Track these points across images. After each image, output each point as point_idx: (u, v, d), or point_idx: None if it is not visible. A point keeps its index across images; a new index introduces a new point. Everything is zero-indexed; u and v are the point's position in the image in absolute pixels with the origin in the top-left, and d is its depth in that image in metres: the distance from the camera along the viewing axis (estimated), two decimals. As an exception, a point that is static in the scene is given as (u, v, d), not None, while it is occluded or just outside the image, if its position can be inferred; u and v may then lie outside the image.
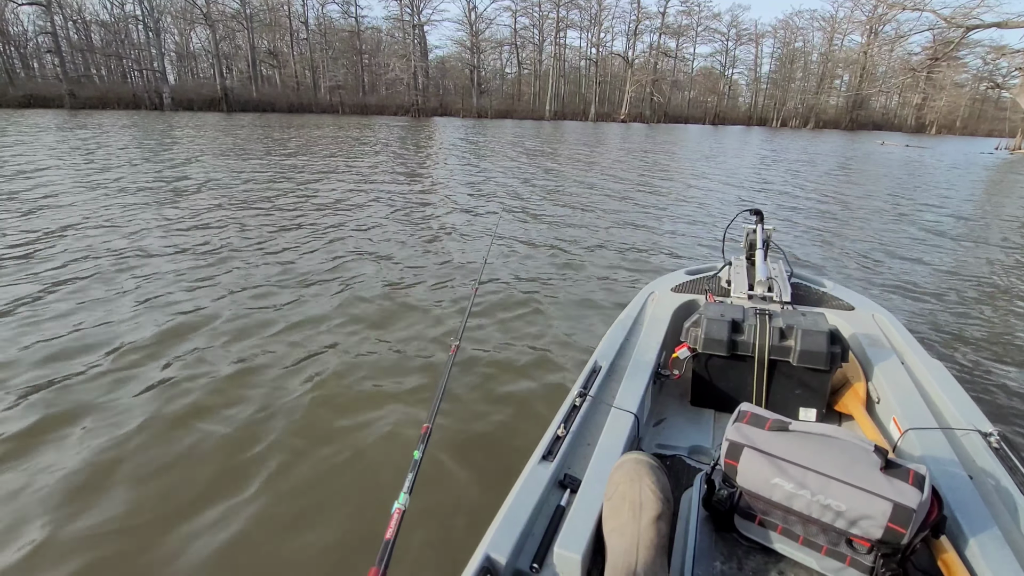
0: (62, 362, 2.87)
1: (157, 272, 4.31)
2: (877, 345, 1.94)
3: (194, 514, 1.87)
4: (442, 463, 2.16)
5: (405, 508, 0.95)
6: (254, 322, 3.45)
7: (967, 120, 62.89)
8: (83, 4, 43.23)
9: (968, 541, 1.08)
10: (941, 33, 30.65)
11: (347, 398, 2.62)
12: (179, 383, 2.68)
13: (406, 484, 1.00)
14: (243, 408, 2.50)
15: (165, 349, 3.04)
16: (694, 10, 58.37)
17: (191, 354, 2.99)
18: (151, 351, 3.00)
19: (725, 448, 1.17)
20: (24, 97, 35.34)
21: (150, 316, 3.45)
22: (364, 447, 2.24)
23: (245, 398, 2.58)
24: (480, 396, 2.69)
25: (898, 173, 15.27)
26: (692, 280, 2.51)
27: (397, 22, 49.75)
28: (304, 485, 2.02)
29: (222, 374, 2.79)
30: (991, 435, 1.38)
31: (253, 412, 2.47)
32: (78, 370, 2.79)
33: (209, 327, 3.35)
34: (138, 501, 1.94)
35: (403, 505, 0.95)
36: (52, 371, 2.78)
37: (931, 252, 6.04)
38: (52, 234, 5.33)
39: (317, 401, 2.57)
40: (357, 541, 1.77)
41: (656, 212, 7.79)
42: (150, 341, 3.11)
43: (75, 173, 9.14)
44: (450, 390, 2.71)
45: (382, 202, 7.69)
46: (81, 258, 4.60)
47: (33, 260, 4.50)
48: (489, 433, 2.40)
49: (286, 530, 1.81)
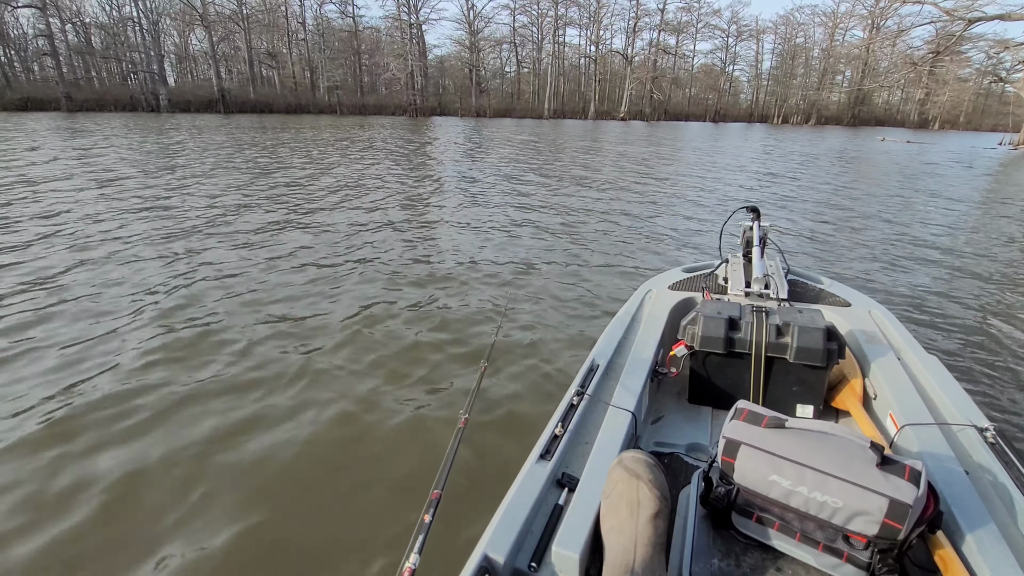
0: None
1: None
2: (874, 341, 1.94)
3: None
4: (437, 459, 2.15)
5: (415, 567, 0.93)
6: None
7: (971, 115, 62.77)
8: (82, 6, 43.30)
9: (964, 536, 1.08)
10: (943, 27, 30.57)
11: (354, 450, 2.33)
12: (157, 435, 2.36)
13: (417, 544, 0.97)
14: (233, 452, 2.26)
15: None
16: (694, 7, 58.24)
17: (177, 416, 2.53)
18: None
19: (722, 445, 1.17)
20: (21, 100, 35.32)
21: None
22: (364, 511, 2.00)
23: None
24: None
25: (896, 170, 15.23)
26: (689, 278, 2.51)
27: (395, 21, 49.73)
28: (301, 548, 1.84)
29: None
30: (987, 430, 1.38)
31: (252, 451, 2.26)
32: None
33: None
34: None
35: (413, 565, 0.93)
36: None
37: (927, 249, 6.02)
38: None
39: (310, 464, 2.24)
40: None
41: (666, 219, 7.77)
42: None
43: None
44: (448, 399, 2.71)
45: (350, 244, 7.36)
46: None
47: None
48: (487, 431, 2.40)
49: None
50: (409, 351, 3.17)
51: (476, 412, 2.52)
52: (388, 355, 3.11)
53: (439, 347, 3.22)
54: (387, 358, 3.07)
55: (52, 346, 3.09)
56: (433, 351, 3.17)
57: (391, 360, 3.06)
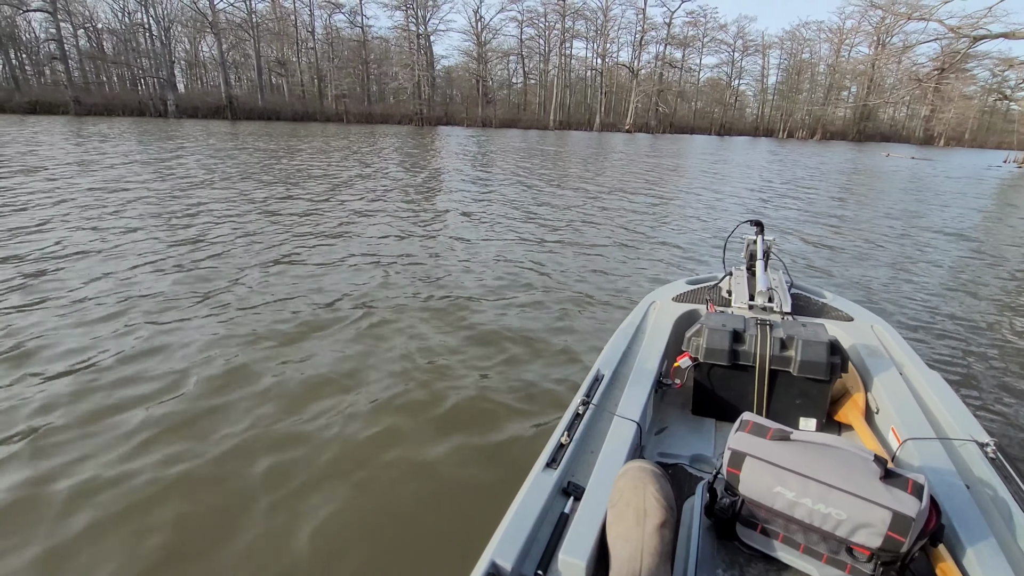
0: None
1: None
2: (876, 356, 1.95)
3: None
4: (449, 469, 2.17)
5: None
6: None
7: (976, 132, 62.86)
8: (95, 12, 43.95)
9: (965, 550, 1.10)
10: (948, 44, 30.74)
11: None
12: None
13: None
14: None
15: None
16: (700, 21, 58.71)
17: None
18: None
19: (727, 457, 1.18)
20: (30, 103, 35.67)
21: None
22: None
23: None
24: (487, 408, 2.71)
25: (900, 186, 15.25)
26: (693, 290, 2.52)
27: (403, 32, 50.27)
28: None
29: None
30: (987, 445, 1.40)
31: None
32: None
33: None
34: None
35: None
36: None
37: (929, 266, 6.02)
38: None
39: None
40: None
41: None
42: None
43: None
44: (457, 403, 2.73)
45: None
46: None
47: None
48: (494, 441, 2.41)
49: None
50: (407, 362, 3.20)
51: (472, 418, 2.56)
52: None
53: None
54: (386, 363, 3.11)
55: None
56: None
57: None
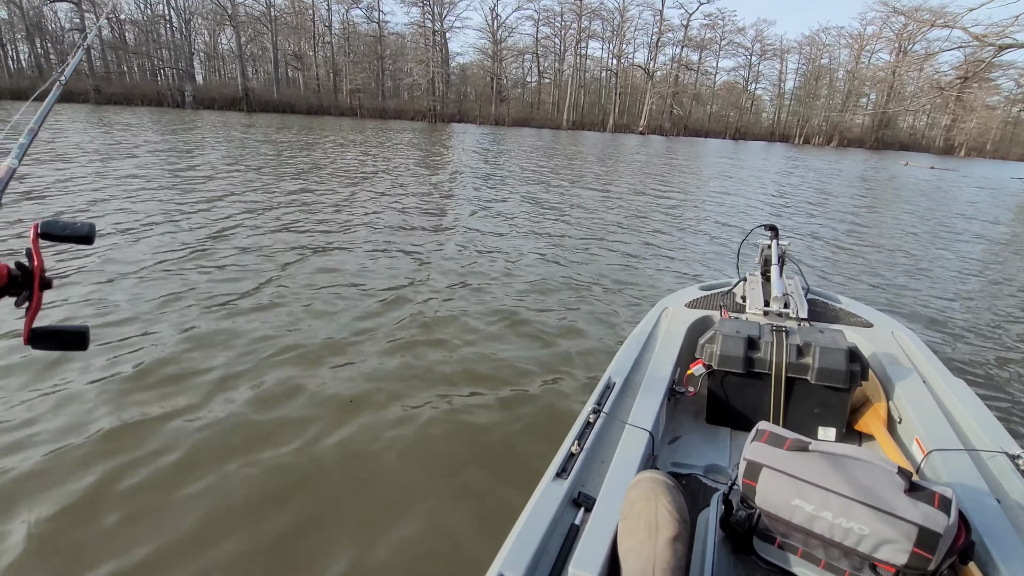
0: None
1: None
2: (897, 363, 1.89)
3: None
4: (455, 477, 2.15)
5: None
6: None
7: (998, 143, 61.75)
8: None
9: (998, 568, 1.04)
10: (972, 52, 30.18)
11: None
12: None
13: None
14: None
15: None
16: (718, 24, 58.16)
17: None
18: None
19: (743, 468, 1.14)
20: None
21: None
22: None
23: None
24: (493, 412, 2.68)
25: (918, 194, 15.02)
26: (706, 295, 2.46)
27: (419, 28, 50.33)
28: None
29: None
30: (1019, 457, 1.34)
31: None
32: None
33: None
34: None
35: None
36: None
37: (951, 273, 5.92)
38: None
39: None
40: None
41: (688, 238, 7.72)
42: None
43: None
44: (460, 406, 2.69)
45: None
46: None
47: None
48: (504, 450, 2.37)
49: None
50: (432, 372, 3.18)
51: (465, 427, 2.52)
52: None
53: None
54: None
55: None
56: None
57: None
